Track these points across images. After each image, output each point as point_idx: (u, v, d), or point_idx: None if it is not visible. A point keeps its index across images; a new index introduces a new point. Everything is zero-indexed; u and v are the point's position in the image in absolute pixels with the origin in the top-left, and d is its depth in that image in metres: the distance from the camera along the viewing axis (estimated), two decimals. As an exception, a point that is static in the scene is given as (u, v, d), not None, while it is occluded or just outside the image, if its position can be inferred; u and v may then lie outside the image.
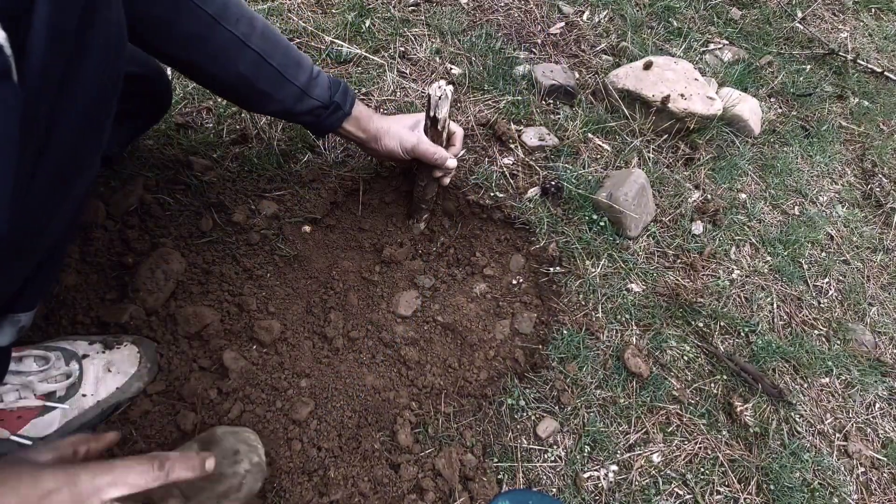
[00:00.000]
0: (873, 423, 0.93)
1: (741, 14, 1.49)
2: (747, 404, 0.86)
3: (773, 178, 1.19)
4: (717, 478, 0.79)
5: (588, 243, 0.94)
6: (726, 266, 1.02)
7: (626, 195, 0.94)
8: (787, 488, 0.80)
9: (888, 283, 1.11)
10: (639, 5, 1.39)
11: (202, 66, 0.65)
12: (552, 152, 1.04)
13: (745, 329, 0.94)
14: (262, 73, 0.67)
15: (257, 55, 0.65)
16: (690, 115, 1.10)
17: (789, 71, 1.41)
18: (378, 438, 0.74)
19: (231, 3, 0.62)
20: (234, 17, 0.62)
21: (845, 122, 1.38)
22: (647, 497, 0.75)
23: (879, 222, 1.21)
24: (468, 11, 1.25)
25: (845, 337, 1.00)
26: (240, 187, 0.87)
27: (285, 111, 0.72)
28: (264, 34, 0.66)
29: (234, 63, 0.64)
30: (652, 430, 0.81)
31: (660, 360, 0.87)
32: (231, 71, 0.65)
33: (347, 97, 0.75)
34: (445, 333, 0.86)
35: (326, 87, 0.73)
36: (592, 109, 1.13)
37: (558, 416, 0.79)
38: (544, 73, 1.12)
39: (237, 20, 0.63)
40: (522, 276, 0.94)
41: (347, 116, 0.76)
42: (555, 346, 0.84)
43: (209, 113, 0.95)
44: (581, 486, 0.74)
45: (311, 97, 0.71)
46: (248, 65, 0.65)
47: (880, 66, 1.51)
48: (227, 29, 0.62)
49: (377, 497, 0.69)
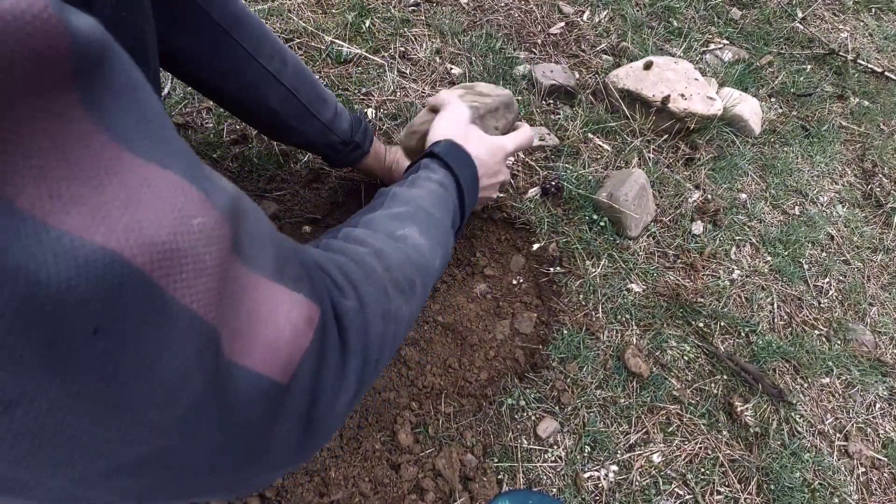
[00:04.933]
0: (874, 423, 0.93)
1: (741, 14, 1.49)
2: (747, 404, 0.86)
3: (773, 178, 1.19)
4: (717, 478, 0.79)
5: (588, 243, 0.94)
6: (727, 266, 1.02)
7: (627, 195, 0.94)
8: (788, 488, 0.80)
9: (888, 283, 1.11)
10: (639, 5, 1.39)
11: (233, 96, 0.66)
12: (552, 152, 1.04)
13: (746, 329, 0.94)
14: (291, 108, 0.69)
15: (287, 91, 0.67)
16: (691, 115, 1.10)
17: (789, 71, 1.41)
18: (378, 438, 0.74)
19: (265, 38, 0.64)
20: (269, 52, 0.64)
21: (845, 122, 1.37)
22: (648, 497, 0.75)
23: (879, 222, 1.21)
24: (468, 11, 1.25)
25: (846, 337, 1.00)
26: (240, 187, 0.87)
27: (308, 144, 0.75)
28: (295, 70, 0.68)
29: (265, 97, 0.66)
30: (652, 430, 0.81)
31: (660, 360, 0.87)
32: (262, 104, 0.67)
33: (367, 136, 0.79)
34: (445, 333, 0.86)
35: (348, 125, 0.76)
36: (592, 109, 1.13)
37: (558, 416, 0.79)
38: (544, 73, 1.12)
39: (271, 56, 0.64)
40: (522, 276, 0.94)
41: (366, 155, 0.80)
42: (555, 346, 0.84)
43: (209, 113, 0.95)
44: (581, 486, 0.74)
45: (334, 133, 0.74)
46: (278, 100, 0.67)
47: (880, 66, 1.51)
48: (261, 64, 0.64)
49: (377, 497, 0.69)
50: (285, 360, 0.27)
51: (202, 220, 0.21)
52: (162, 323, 0.19)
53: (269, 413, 0.26)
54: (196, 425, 0.23)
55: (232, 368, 0.24)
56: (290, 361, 0.27)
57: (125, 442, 0.20)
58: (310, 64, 1.04)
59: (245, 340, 0.25)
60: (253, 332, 0.25)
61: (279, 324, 0.27)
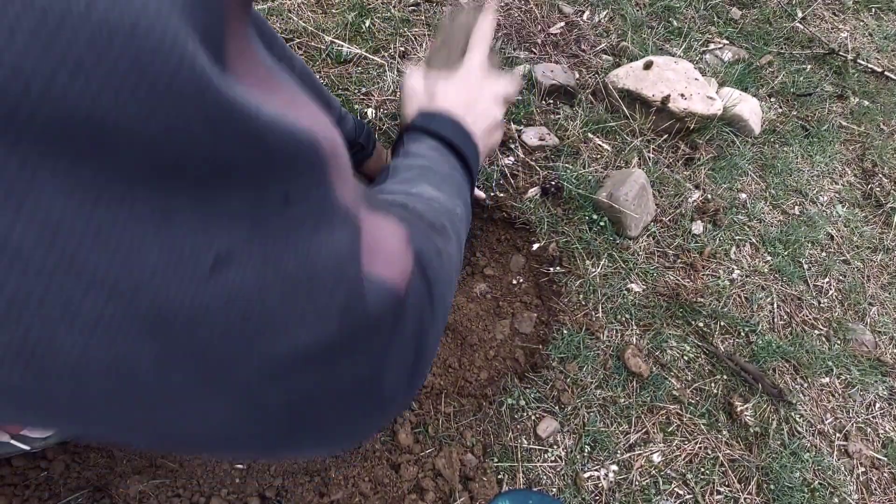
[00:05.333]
0: (873, 422, 0.93)
1: (741, 14, 1.49)
2: (747, 404, 0.86)
3: (773, 177, 1.19)
4: (717, 478, 0.79)
5: (588, 243, 0.94)
6: (726, 266, 1.02)
7: (627, 195, 0.94)
8: (788, 488, 0.80)
9: (888, 283, 1.11)
10: (639, 5, 1.39)
11: None
12: (552, 152, 1.04)
13: (746, 329, 0.94)
14: None
15: None
16: (690, 115, 1.10)
17: (789, 71, 1.41)
18: (378, 438, 0.74)
19: (275, 40, 0.65)
20: (278, 54, 0.65)
21: (845, 122, 1.37)
22: (648, 497, 0.75)
23: (879, 222, 1.21)
24: (468, 11, 1.24)
25: (845, 337, 1.00)
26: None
27: None
28: (302, 72, 0.69)
29: None
30: (652, 429, 0.81)
31: (660, 360, 0.87)
32: None
33: (371, 139, 0.80)
34: (445, 333, 0.86)
35: (353, 129, 0.77)
36: (592, 109, 1.13)
37: (558, 416, 0.79)
38: (544, 73, 1.12)
39: (280, 58, 0.65)
40: (522, 276, 0.94)
41: (370, 157, 0.81)
42: (555, 346, 0.84)
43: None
44: (581, 486, 0.74)
45: None
46: None
47: (880, 65, 1.51)
48: None
49: (377, 497, 0.69)
50: (401, 272, 0.28)
51: (336, 133, 0.23)
52: (328, 205, 0.21)
53: (393, 327, 0.27)
54: (350, 319, 0.23)
55: (365, 273, 0.25)
56: (403, 274, 0.28)
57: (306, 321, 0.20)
58: (310, 64, 1.04)
59: (372, 251, 0.26)
60: (376, 244, 0.26)
61: (390, 240, 0.28)
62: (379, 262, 0.26)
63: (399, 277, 0.27)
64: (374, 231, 0.27)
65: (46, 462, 0.65)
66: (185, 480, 0.68)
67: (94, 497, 0.65)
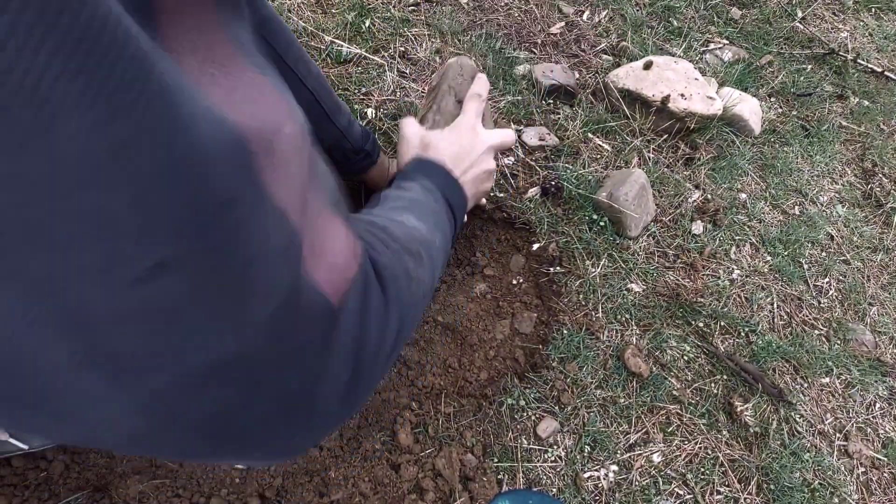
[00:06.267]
0: (873, 422, 0.93)
1: (741, 14, 1.49)
2: (747, 404, 0.86)
3: (773, 177, 1.18)
4: (717, 478, 0.79)
5: (588, 243, 0.94)
6: (726, 266, 1.02)
7: (627, 195, 0.94)
8: (788, 488, 0.80)
9: (888, 283, 1.11)
10: (639, 5, 1.39)
11: None
12: (552, 152, 1.04)
13: (746, 329, 0.94)
14: (313, 113, 0.70)
15: (311, 95, 0.68)
16: (690, 115, 1.10)
17: (789, 71, 1.41)
18: (378, 438, 0.74)
19: (293, 44, 0.65)
20: (295, 57, 0.65)
21: (845, 122, 1.37)
22: (648, 497, 0.75)
23: (879, 222, 1.21)
24: (468, 11, 1.24)
25: (845, 337, 1.00)
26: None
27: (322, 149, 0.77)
28: (317, 77, 0.69)
29: None
30: (652, 430, 0.81)
31: (660, 360, 0.87)
32: None
33: (376, 146, 0.81)
34: (445, 333, 0.86)
35: (360, 135, 0.78)
36: (592, 109, 1.13)
37: (558, 416, 0.79)
38: (544, 73, 1.12)
39: (297, 60, 0.65)
40: (522, 276, 0.94)
41: (374, 165, 0.82)
42: (555, 346, 0.84)
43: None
44: (581, 486, 0.74)
45: (348, 140, 0.76)
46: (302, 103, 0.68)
47: (880, 65, 1.51)
48: (289, 67, 0.65)
49: (377, 497, 0.69)
50: (338, 285, 0.27)
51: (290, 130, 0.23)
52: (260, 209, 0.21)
53: (324, 340, 0.26)
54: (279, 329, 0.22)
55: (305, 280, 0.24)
56: (340, 289, 0.28)
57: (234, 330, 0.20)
58: (310, 64, 1.04)
59: (315, 257, 0.25)
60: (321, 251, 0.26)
61: (336, 249, 0.28)
62: (322, 269, 0.26)
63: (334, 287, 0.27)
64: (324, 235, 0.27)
65: (46, 462, 0.65)
66: (185, 480, 0.68)
67: (94, 497, 0.65)
